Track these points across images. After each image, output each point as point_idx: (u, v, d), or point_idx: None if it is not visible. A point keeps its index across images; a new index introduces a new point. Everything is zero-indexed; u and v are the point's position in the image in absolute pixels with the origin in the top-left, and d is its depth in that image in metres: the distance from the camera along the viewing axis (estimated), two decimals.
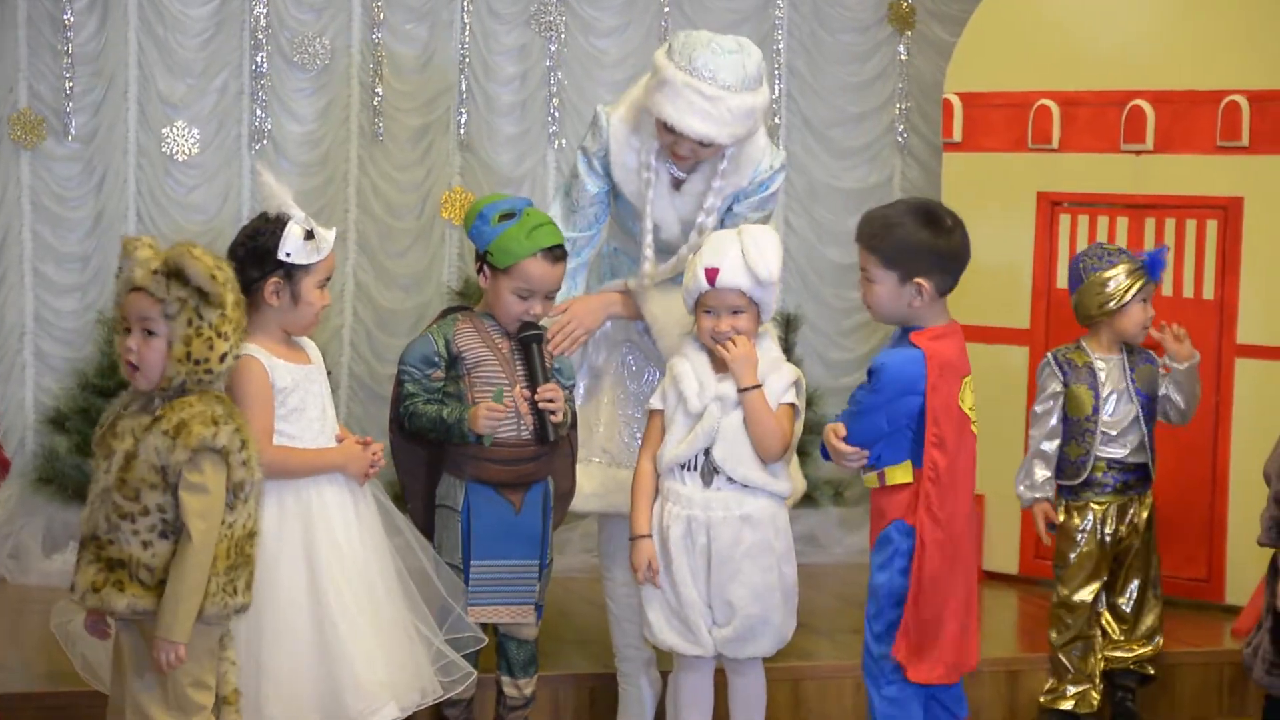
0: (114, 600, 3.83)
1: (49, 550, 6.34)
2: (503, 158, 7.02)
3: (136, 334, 3.85)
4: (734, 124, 4.71)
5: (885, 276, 4.39)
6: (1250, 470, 4.89)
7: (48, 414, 6.56)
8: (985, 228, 6.53)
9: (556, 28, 7.03)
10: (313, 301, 4.27)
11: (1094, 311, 5.33)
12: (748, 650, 4.66)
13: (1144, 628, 5.43)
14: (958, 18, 7.08)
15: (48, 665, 5.10)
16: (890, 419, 4.37)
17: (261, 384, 4.19)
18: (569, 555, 6.57)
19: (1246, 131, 6.03)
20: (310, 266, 4.25)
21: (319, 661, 4.17)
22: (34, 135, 6.56)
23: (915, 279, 4.36)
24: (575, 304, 4.89)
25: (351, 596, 4.21)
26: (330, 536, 4.24)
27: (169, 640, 3.81)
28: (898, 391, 4.35)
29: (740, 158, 4.86)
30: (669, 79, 4.69)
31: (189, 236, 6.44)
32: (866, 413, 4.40)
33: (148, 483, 3.82)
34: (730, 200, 4.91)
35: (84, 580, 3.85)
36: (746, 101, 4.71)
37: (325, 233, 4.28)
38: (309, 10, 6.82)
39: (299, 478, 4.22)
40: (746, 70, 4.71)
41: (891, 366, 4.38)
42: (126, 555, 3.83)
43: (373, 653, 4.22)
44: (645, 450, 4.73)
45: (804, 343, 7.23)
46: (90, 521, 3.86)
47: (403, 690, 4.29)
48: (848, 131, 7.36)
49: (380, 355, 6.85)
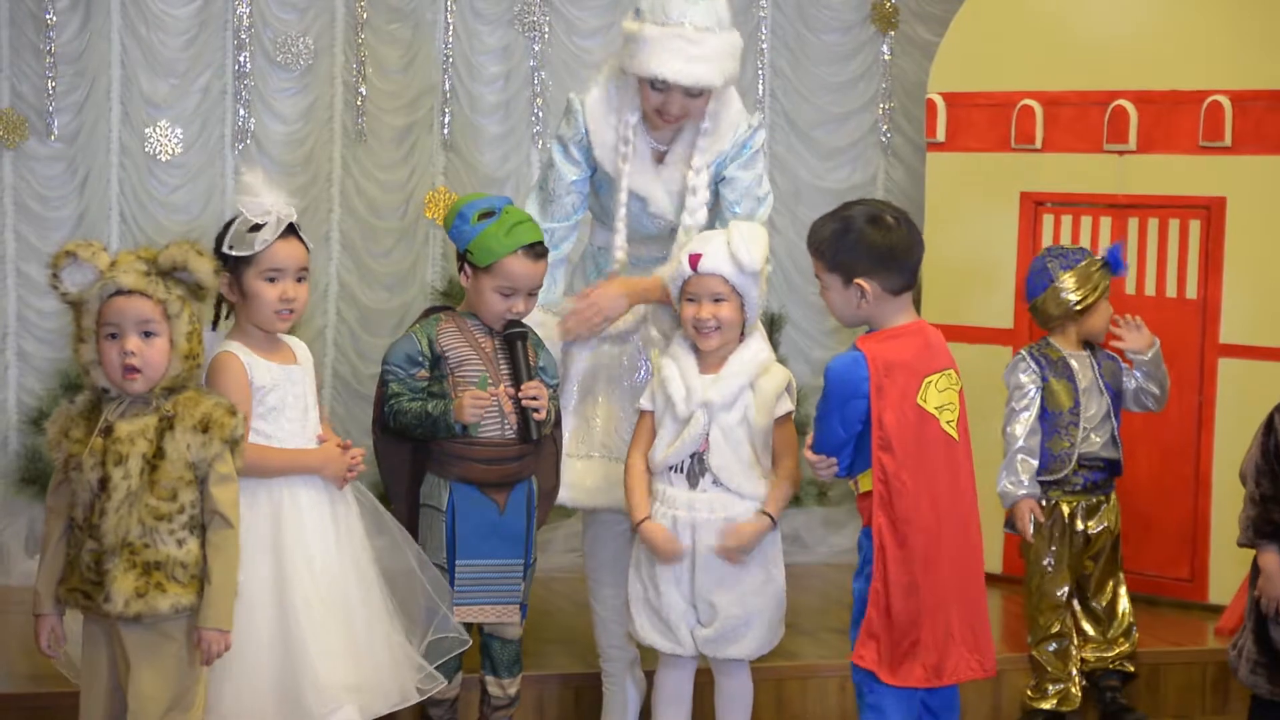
0: (159, 603, 3.87)
1: (32, 550, 6.33)
2: (486, 157, 7.02)
3: (134, 337, 3.86)
4: (721, 61, 4.76)
5: (831, 280, 4.39)
6: (1233, 470, 4.90)
7: (30, 414, 6.55)
8: (968, 227, 6.58)
9: (540, 28, 7.03)
10: (259, 294, 4.25)
11: (1060, 312, 5.36)
12: (729, 651, 4.66)
13: (1122, 626, 5.45)
14: (941, 18, 7.09)
15: (31, 666, 5.09)
16: (844, 424, 4.33)
17: (240, 380, 4.20)
18: (552, 555, 6.58)
19: (1229, 131, 6.05)
20: (251, 258, 4.24)
21: (278, 661, 4.16)
22: (16, 135, 6.55)
23: (855, 280, 4.34)
24: (601, 288, 4.90)
25: (318, 598, 4.21)
26: (300, 536, 4.23)
27: (221, 630, 3.91)
28: (843, 396, 4.32)
29: (719, 119, 4.90)
30: (646, 36, 4.74)
31: (172, 236, 6.44)
32: (821, 419, 4.38)
33: (184, 480, 3.88)
34: (717, 166, 4.92)
35: (124, 589, 3.85)
36: (726, 39, 4.79)
37: (275, 227, 4.25)
38: (292, 10, 6.81)
39: (273, 477, 4.22)
40: (718, 11, 4.79)
41: (833, 371, 4.35)
42: (164, 556, 3.87)
43: (337, 654, 4.21)
44: (635, 449, 4.74)
45: (788, 342, 7.23)
46: (119, 530, 3.85)
47: (371, 694, 4.28)
48: (831, 131, 7.37)
49: (364, 355, 6.85)
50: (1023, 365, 5.37)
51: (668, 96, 4.78)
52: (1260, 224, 6.04)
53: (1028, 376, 5.34)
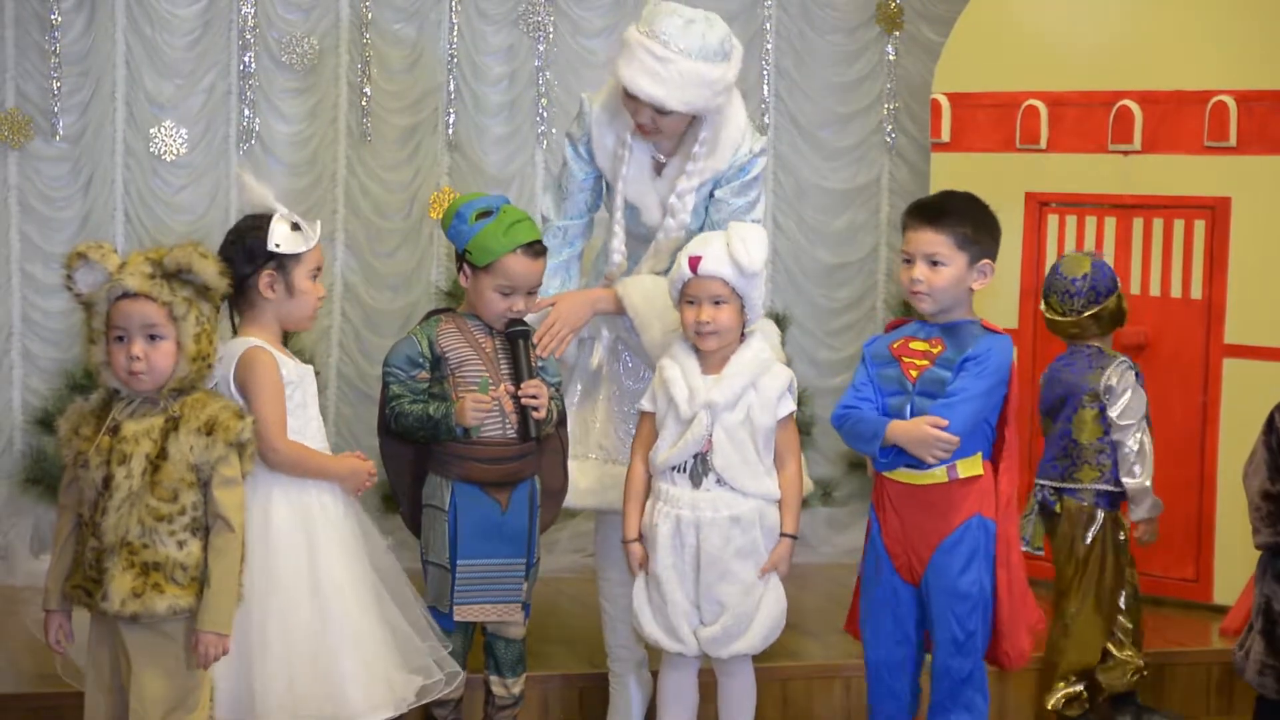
0: (156, 603, 3.87)
1: (37, 550, 6.34)
2: (491, 158, 7.02)
3: (140, 341, 3.87)
4: (684, 88, 4.68)
5: (955, 257, 4.44)
6: (1238, 471, 4.90)
7: (35, 414, 6.55)
8: None
9: (545, 28, 7.03)
10: (307, 291, 4.31)
11: (1119, 316, 5.39)
12: (733, 648, 4.65)
13: (1139, 632, 5.44)
14: (945, 18, 7.08)
15: (35, 666, 5.09)
16: (990, 406, 4.41)
17: (274, 375, 4.22)
18: (558, 555, 6.57)
19: (1234, 131, 6.04)
20: (300, 256, 4.29)
21: (316, 661, 4.17)
22: (21, 135, 6.55)
23: (985, 259, 4.45)
24: (561, 302, 4.89)
25: (353, 597, 4.23)
26: (329, 535, 4.25)
27: (219, 633, 3.90)
28: (1002, 378, 4.42)
29: (716, 140, 4.85)
30: (626, 41, 4.73)
31: (177, 236, 6.46)
32: (974, 398, 4.39)
33: (186, 481, 3.88)
34: (710, 185, 4.90)
35: (121, 588, 3.86)
36: (700, 69, 4.69)
37: (311, 225, 4.33)
38: (297, 10, 6.81)
39: (305, 478, 4.24)
40: (705, 40, 4.71)
41: (1001, 354, 4.43)
42: (163, 557, 3.87)
43: (368, 654, 4.23)
44: (637, 451, 4.74)
45: (792, 343, 7.21)
46: (118, 529, 3.86)
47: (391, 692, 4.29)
48: (836, 132, 7.36)
49: (368, 355, 6.84)
50: (1123, 367, 5.31)
51: (638, 107, 4.76)
52: (1265, 224, 6.04)
53: (1133, 378, 5.31)
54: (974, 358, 4.40)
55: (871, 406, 4.51)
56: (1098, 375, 5.30)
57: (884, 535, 4.55)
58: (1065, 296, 5.37)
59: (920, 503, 4.49)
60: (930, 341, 4.49)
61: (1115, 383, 5.28)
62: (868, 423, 4.48)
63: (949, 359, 4.44)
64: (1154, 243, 6.21)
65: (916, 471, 4.47)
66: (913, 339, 4.52)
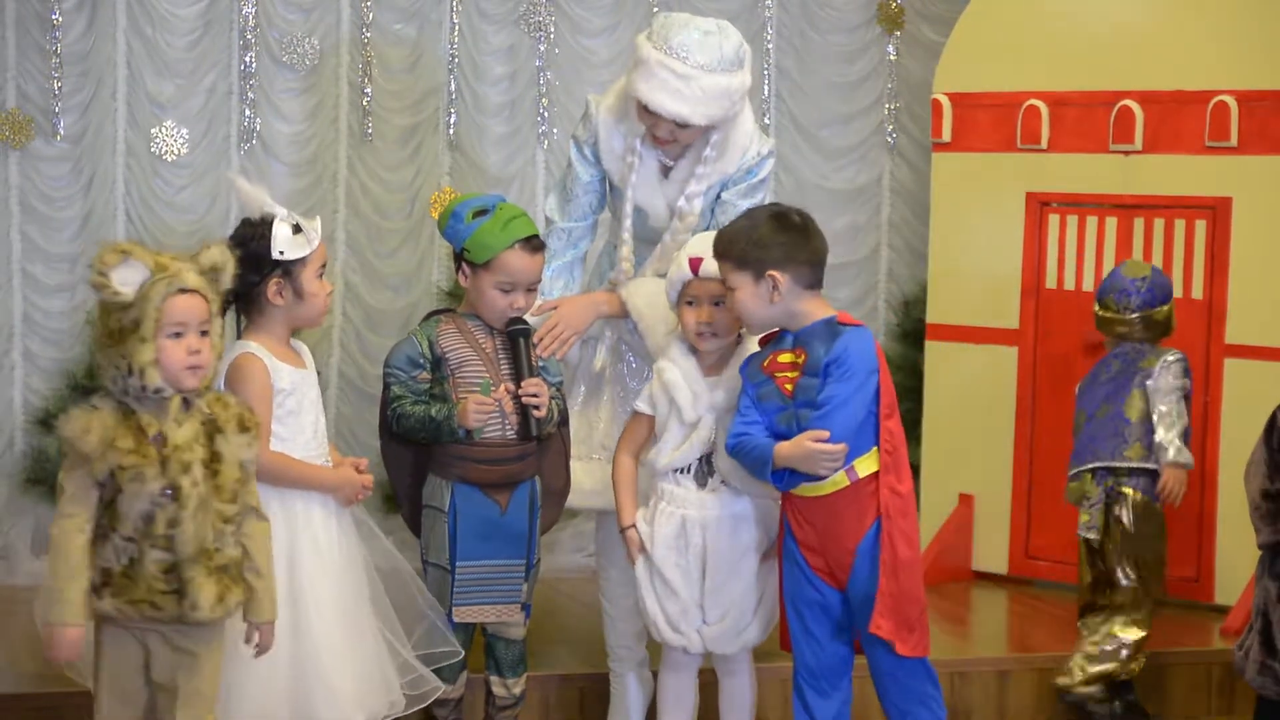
0: (233, 603, 3.91)
1: (38, 550, 6.33)
2: (492, 158, 7.02)
3: (195, 336, 3.85)
4: (707, 104, 4.70)
5: (741, 280, 4.40)
6: (1239, 471, 4.90)
7: (36, 414, 6.55)
8: (974, 228, 6.58)
9: (545, 28, 7.03)
10: (316, 291, 4.31)
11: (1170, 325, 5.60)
12: (740, 642, 4.65)
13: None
14: (946, 18, 7.08)
15: (36, 666, 5.08)
16: (865, 403, 4.35)
17: (264, 383, 4.22)
18: (559, 555, 6.58)
19: (1235, 131, 6.04)
20: (305, 258, 4.29)
21: (291, 670, 4.17)
22: (22, 135, 6.55)
23: (768, 272, 4.37)
24: (564, 305, 4.89)
25: (330, 607, 4.22)
26: (314, 544, 4.25)
27: (271, 622, 3.98)
28: (867, 373, 4.35)
29: (726, 144, 4.86)
30: (644, 58, 4.71)
31: (178, 237, 6.48)
32: (843, 404, 4.33)
33: (239, 481, 3.91)
34: (718, 187, 4.91)
35: (209, 596, 3.85)
36: (720, 82, 4.70)
37: (311, 223, 4.33)
38: (297, 10, 6.81)
39: (289, 489, 4.23)
40: (723, 51, 4.71)
41: (857, 350, 4.36)
42: (229, 559, 3.91)
43: (346, 664, 4.22)
44: (625, 447, 4.73)
45: None
46: (198, 538, 3.84)
47: (370, 701, 4.29)
48: (837, 132, 7.36)
49: (369, 355, 6.84)
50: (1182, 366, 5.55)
51: (657, 121, 4.77)
52: (1266, 224, 6.04)
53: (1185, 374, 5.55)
54: (834, 360, 4.34)
55: (761, 428, 4.44)
56: (1152, 361, 5.51)
57: (801, 547, 4.48)
58: (1122, 295, 5.56)
59: (829, 511, 4.43)
60: (795, 352, 4.44)
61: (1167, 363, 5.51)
62: (756, 450, 4.42)
63: (814, 365, 4.38)
64: (1155, 243, 6.21)
65: (817, 483, 4.41)
66: (779, 353, 4.47)
